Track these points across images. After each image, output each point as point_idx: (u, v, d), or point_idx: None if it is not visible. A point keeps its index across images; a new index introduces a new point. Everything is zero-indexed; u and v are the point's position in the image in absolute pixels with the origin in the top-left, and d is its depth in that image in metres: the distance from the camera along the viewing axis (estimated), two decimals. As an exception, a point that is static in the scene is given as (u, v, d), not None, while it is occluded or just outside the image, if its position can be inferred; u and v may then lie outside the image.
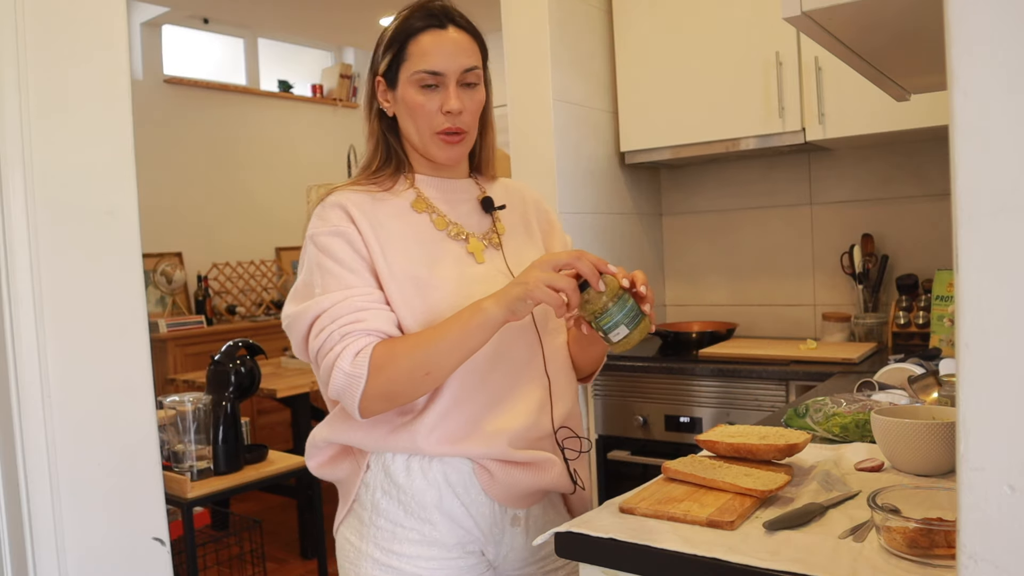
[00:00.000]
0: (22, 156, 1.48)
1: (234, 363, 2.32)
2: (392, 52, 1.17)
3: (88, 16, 1.58)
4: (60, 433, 1.52)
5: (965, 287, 0.56)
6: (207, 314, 4.63)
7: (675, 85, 2.51)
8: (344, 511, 1.19)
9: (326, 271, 1.10)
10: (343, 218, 1.13)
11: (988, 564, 0.56)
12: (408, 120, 1.18)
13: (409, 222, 1.18)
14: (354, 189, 1.18)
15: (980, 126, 0.55)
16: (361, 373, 1.03)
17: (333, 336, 1.05)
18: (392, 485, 1.12)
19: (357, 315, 1.06)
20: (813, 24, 0.98)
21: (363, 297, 1.08)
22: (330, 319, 1.06)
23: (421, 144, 1.19)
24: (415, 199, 1.20)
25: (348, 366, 1.04)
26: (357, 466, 1.16)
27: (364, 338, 1.05)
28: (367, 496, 1.14)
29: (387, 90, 1.20)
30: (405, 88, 1.16)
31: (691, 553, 0.89)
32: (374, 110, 1.22)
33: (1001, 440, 0.55)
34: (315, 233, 1.13)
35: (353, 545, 1.16)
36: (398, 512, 1.12)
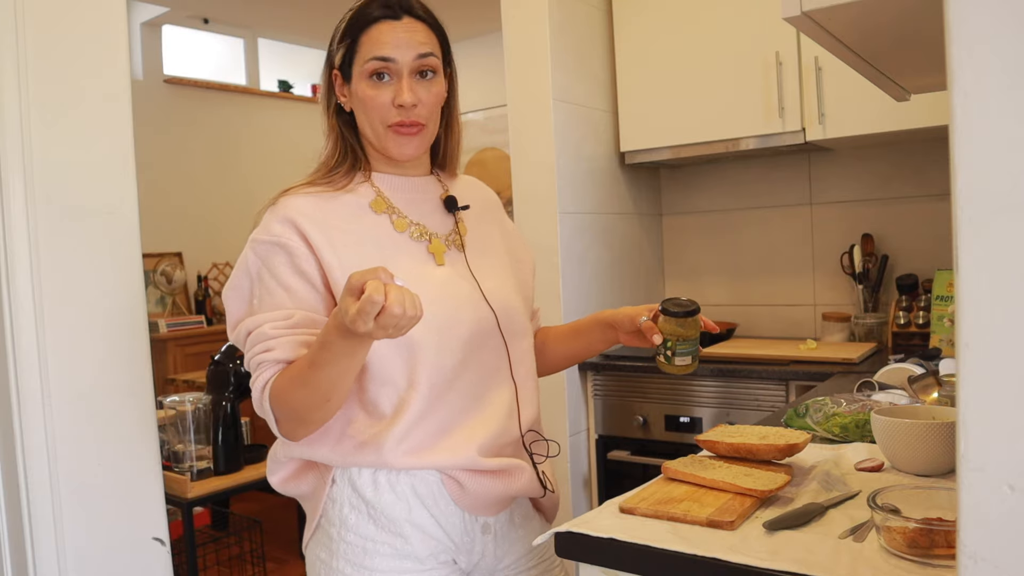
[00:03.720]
0: (22, 156, 1.48)
1: (234, 363, 2.32)
2: (346, 44, 1.13)
3: (88, 16, 1.58)
4: (60, 433, 1.52)
5: (965, 287, 0.56)
6: (207, 314, 4.63)
7: (675, 85, 2.51)
8: (312, 527, 1.15)
9: (263, 284, 1.08)
10: (288, 229, 1.09)
11: (988, 564, 0.56)
12: (362, 114, 1.14)
13: (367, 224, 1.13)
14: (307, 192, 1.14)
15: (980, 126, 0.55)
16: (267, 407, 1.04)
17: (251, 363, 1.06)
18: (360, 500, 1.09)
19: (268, 343, 1.04)
20: (813, 24, 0.98)
21: (279, 323, 1.04)
22: (251, 343, 1.06)
23: (376, 139, 1.15)
24: (374, 199, 1.16)
25: (259, 397, 1.05)
26: (322, 481, 1.12)
27: (271, 368, 1.04)
28: (334, 511, 1.11)
29: (343, 84, 1.16)
30: (358, 81, 1.12)
31: (691, 553, 0.89)
32: (332, 106, 1.19)
33: (1001, 440, 0.55)
34: (256, 239, 1.10)
35: (323, 562, 1.12)
36: (368, 527, 1.09)
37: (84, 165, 1.57)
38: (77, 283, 1.56)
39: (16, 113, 1.47)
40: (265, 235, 1.10)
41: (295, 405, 1.02)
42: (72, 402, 1.54)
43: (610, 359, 2.44)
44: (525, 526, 1.21)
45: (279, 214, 1.11)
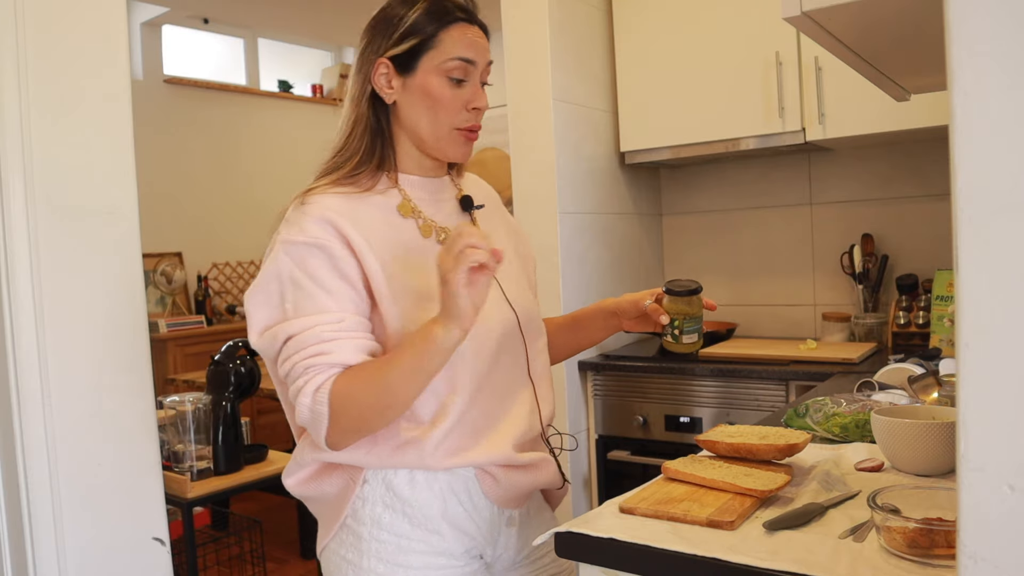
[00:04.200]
0: (22, 156, 1.48)
1: (234, 363, 2.32)
2: (418, 37, 1.08)
3: (88, 16, 1.58)
4: (60, 433, 1.52)
5: (965, 287, 0.56)
6: (207, 314, 4.63)
7: (675, 85, 2.50)
8: (332, 528, 1.13)
9: (300, 288, 1.03)
10: (326, 230, 1.05)
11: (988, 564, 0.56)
12: (424, 111, 1.10)
13: (396, 228, 1.11)
14: (335, 192, 1.10)
15: (980, 126, 0.55)
16: (322, 411, 0.99)
17: (297, 368, 1.01)
18: (395, 498, 1.09)
19: (322, 347, 1.00)
20: (813, 24, 0.98)
21: (332, 326, 1.01)
22: (296, 348, 1.01)
23: (433, 139, 1.12)
24: (400, 202, 1.13)
25: (310, 402, 1.00)
26: (351, 481, 1.11)
27: (327, 371, 1.00)
28: (365, 511, 1.09)
29: (394, 75, 1.11)
30: (428, 77, 1.09)
31: (691, 553, 0.89)
32: (367, 94, 1.12)
33: (1001, 440, 0.55)
34: (290, 241, 1.05)
35: (349, 562, 1.10)
36: (403, 525, 1.09)
37: (84, 165, 1.57)
38: (77, 283, 1.56)
39: (16, 113, 1.47)
40: (301, 236, 1.05)
41: (360, 410, 1.00)
42: (72, 402, 1.54)
43: (610, 359, 2.44)
44: (539, 517, 1.24)
45: (314, 214, 1.06)
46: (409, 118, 1.12)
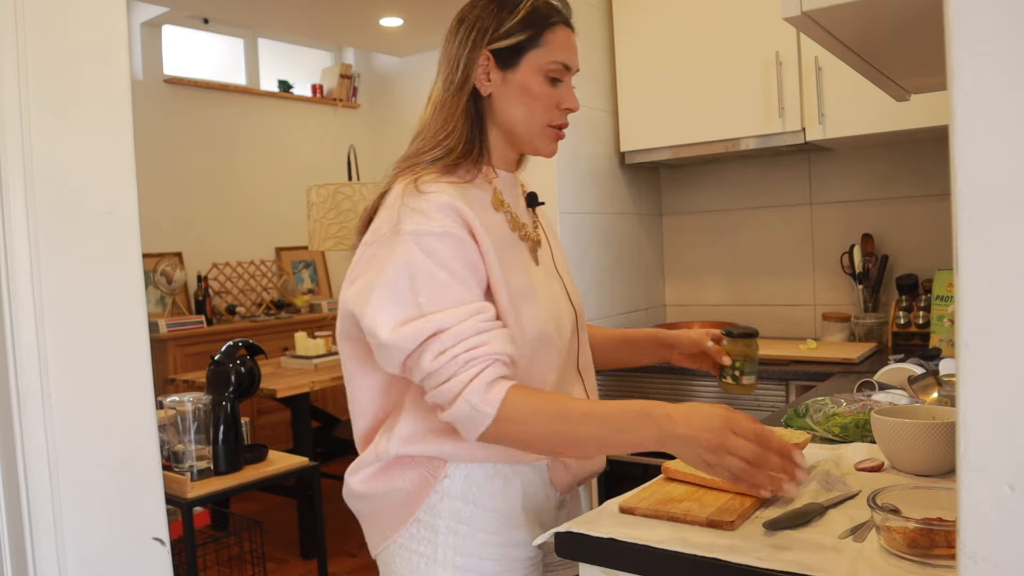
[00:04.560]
0: (22, 156, 1.48)
1: (234, 363, 2.32)
2: (526, 33, 1.09)
3: (88, 16, 1.58)
4: (60, 433, 1.52)
5: (965, 287, 0.56)
6: (207, 314, 4.62)
7: (675, 85, 2.50)
8: (399, 525, 1.12)
9: (434, 279, 1.00)
10: (453, 218, 1.03)
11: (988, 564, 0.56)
12: (521, 107, 1.11)
13: (493, 221, 1.10)
14: (449, 181, 1.08)
15: (980, 126, 0.55)
16: (489, 412, 0.97)
17: (457, 360, 0.98)
18: (479, 492, 1.10)
19: (479, 338, 0.98)
20: (813, 24, 0.98)
21: (481, 316, 1.00)
22: (452, 340, 0.98)
23: (527, 134, 1.13)
24: (494, 195, 1.13)
25: (477, 400, 0.97)
26: (430, 476, 1.10)
27: (492, 368, 0.99)
28: (443, 505, 1.10)
29: (494, 68, 1.11)
30: (530, 75, 1.10)
31: (691, 553, 0.89)
32: (469, 84, 1.11)
33: (1001, 440, 0.55)
34: (417, 231, 1.02)
35: (422, 555, 1.10)
36: (483, 518, 1.10)
37: (84, 165, 1.57)
38: (77, 283, 1.56)
39: (16, 113, 1.47)
40: (432, 226, 1.02)
41: (526, 435, 0.99)
42: (72, 402, 1.54)
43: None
44: (575, 499, 1.28)
45: (439, 202, 1.04)
46: (504, 112, 1.13)
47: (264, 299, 5.03)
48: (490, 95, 1.12)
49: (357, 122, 5.78)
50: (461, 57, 1.11)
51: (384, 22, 4.82)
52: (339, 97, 5.64)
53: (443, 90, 1.13)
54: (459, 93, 1.11)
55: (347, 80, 5.72)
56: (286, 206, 5.26)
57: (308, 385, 3.28)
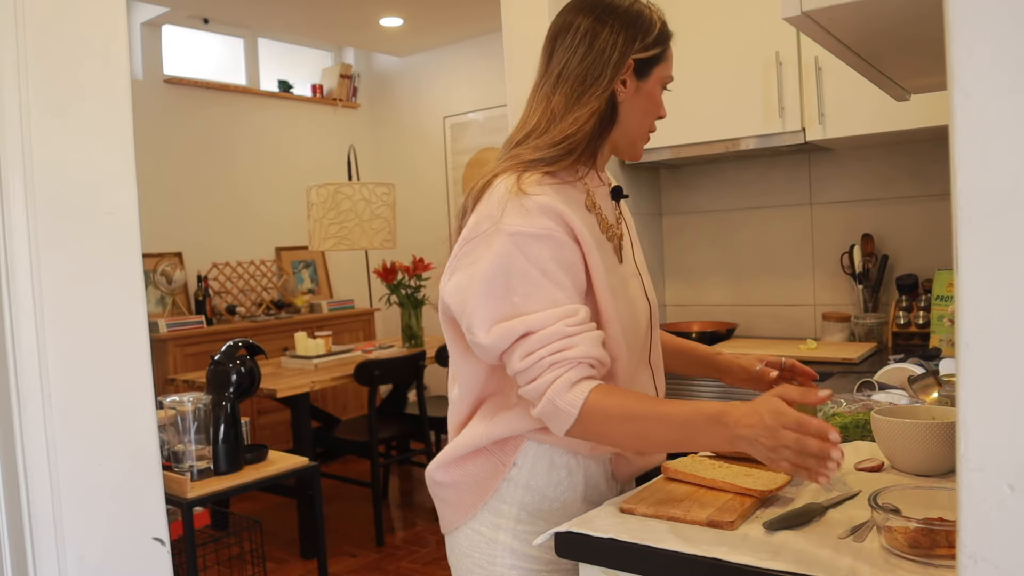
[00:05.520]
0: (22, 156, 1.48)
1: (234, 363, 2.32)
2: (660, 48, 1.16)
3: (88, 16, 1.58)
4: (60, 433, 1.52)
5: (965, 287, 0.56)
6: (207, 314, 4.62)
7: (675, 85, 2.50)
8: (471, 509, 1.17)
9: (529, 280, 1.04)
10: (555, 220, 1.06)
11: (988, 564, 0.56)
12: (638, 114, 1.17)
13: (589, 223, 1.13)
14: (550, 182, 1.10)
15: (980, 126, 0.55)
16: (572, 412, 1.01)
17: (543, 362, 1.02)
18: (543, 482, 1.14)
19: (566, 341, 1.02)
20: (813, 24, 0.98)
21: (572, 320, 1.03)
22: (539, 343, 1.02)
23: (633, 139, 1.20)
24: (587, 197, 1.16)
25: (560, 400, 1.01)
26: (500, 464, 1.15)
27: (575, 369, 1.03)
28: (510, 491, 1.15)
29: (632, 76, 1.15)
30: (655, 86, 1.18)
31: (691, 553, 0.89)
32: (611, 88, 1.13)
33: (1001, 440, 0.55)
34: (518, 231, 1.04)
35: (485, 536, 1.16)
36: (544, 507, 1.15)
37: (84, 165, 1.57)
38: (77, 283, 1.56)
39: (16, 113, 1.47)
40: (532, 228, 1.05)
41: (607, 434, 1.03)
42: (72, 402, 1.54)
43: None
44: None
45: (543, 205, 1.06)
46: (627, 118, 1.17)
47: (264, 299, 5.03)
48: (623, 101, 1.16)
49: (357, 122, 5.78)
50: (607, 62, 1.12)
51: (384, 22, 4.82)
52: (339, 97, 5.64)
53: (577, 91, 1.13)
54: (601, 96, 1.13)
55: (347, 80, 5.72)
56: (286, 206, 5.26)
57: (308, 385, 3.28)
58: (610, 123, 1.15)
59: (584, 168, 1.16)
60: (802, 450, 0.90)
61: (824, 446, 0.88)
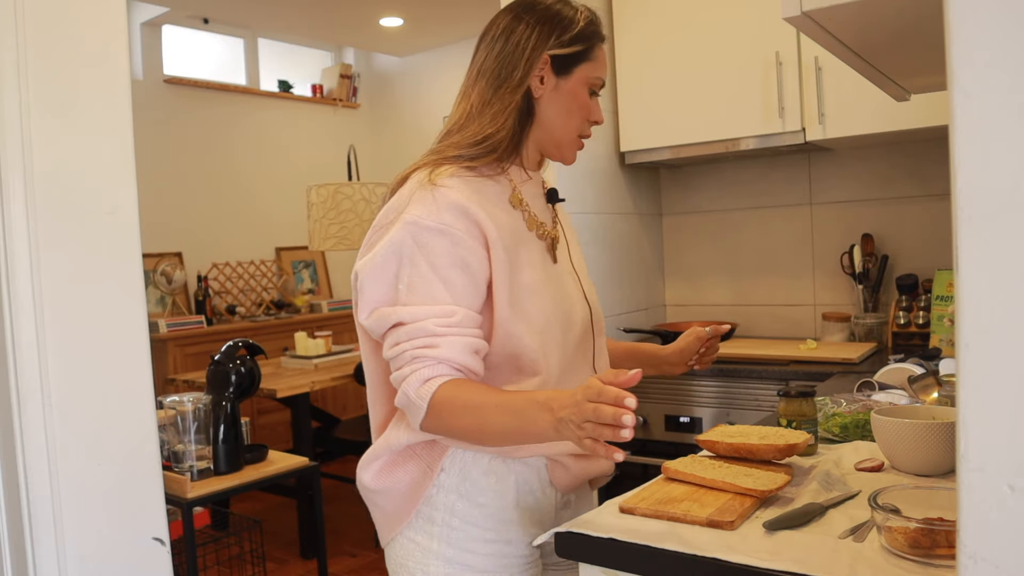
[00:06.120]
0: (22, 156, 1.48)
1: (234, 363, 2.32)
2: (580, 45, 1.15)
3: (88, 16, 1.58)
4: (60, 433, 1.52)
5: (965, 287, 0.56)
6: (207, 314, 4.62)
7: (675, 85, 2.50)
8: (404, 518, 1.16)
9: (416, 270, 1.04)
10: (459, 218, 1.05)
11: (988, 564, 0.56)
12: (562, 115, 1.16)
13: (509, 218, 1.13)
14: (464, 177, 1.10)
15: (980, 126, 0.55)
16: (421, 405, 1.02)
17: (404, 355, 1.04)
18: (472, 488, 1.12)
19: (430, 340, 1.02)
20: (813, 24, 0.98)
21: (443, 320, 1.03)
22: (406, 336, 1.03)
23: (561, 140, 1.17)
24: (512, 193, 1.15)
25: (412, 393, 1.02)
26: (428, 469, 1.14)
27: (434, 367, 1.03)
28: (440, 498, 1.13)
29: (550, 73, 1.14)
30: (579, 85, 1.15)
31: (691, 553, 0.89)
32: (525, 84, 1.13)
33: (1001, 440, 0.55)
34: (418, 221, 1.05)
35: (419, 545, 1.14)
36: (476, 513, 1.13)
37: (84, 165, 1.57)
38: (77, 283, 1.56)
39: (16, 113, 1.47)
40: (431, 221, 1.05)
41: (451, 427, 1.03)
42: (72, 402, 1.54)
43: (610, 359, 2.44)
44: (585, 499, 1.28)
45: (449, 199, 1.06)
46: (548, 116, 1.16)
47: (264, 299, 5.03)
48: (539, 98, 1.15)
49: (357, 122, 5.78)
50: (520, 57, 1.13)
51: (384, 22, 4.82)
52: (339, 97, 5.64)
53: (492, 87, 1.14)
54: (514, 92, 1.13)
55: (347, 80, 5.72)
56: (286, 206, 5.26)
57: (308, 385, 3.28)
58: (528, 120, 1.15)
59: (512, 166, 1.17)
60: (598, 418, 0.86)
61: (617, 411, 0.84)
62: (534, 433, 0.97)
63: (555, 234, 1.21)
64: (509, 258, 1.09)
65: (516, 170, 1.18)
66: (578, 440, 0.90)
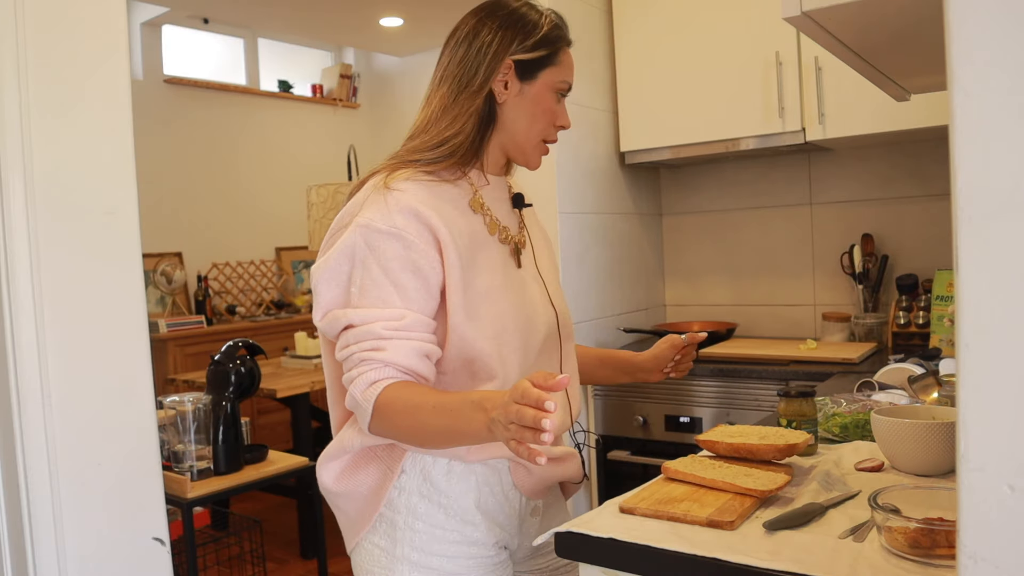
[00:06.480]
0: (22, 156, 1.48)
1: (234, 363, 2.32)
2: (545, 50, 1.14)
3: (88, 16, 1.58)
4: (60, 433, 1.52)
5: (965, 287, 0.56)
6: (207, 314, 4.62)
7: (675, 85, 2.50)
8: (367, 522, 1.15)
9: (368, 273, 1.05)
10: (411, 222, 1.05)
11: (988, 564, 0.56)
12: (526, 119, 1.15)
13: (468, 222, 1.12)
14: (421, 181, 1.10)
15: (980, 126, 0.55)
16: (367, 408, 1.02)
17: (353, 358, 1.04)
18: (432, 489, 1.12)
19: (378, 343, 1.03)
20: (813, 24, 0.98)
21: (392, 323, 1.03)
22: (355, 339, 1.04)
23: (525, 145, 1.17)
24: (472, 197, 1.15)
25: (359, 394, 1.03)
26: (388, 471, 1.13)
27: (380, 370, 1.03)
28: (401, 500, 1.12)
29: (514, 78, 1.13)
30: (543, 90, 1.15)
31: (691, 553, 0.89)
32: (486, 88, 1.13)
33: (1001, 440, 0.55)
34: (370, 224, 1.05)
35: (383, 550, 1.13)
36: (438, 515, 1.12)
37: (84, 165, 1.57)
38: (77, 283, 1.56)
39: (16, 113, 1.47)
40: (383, 224, 1.05)
41: (395, 429, 1.03)
42: (72, 402, 1.54)
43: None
44: (556, 506, 1.28)
45: (401, 203, 1.06)
46: (511, 121, 1.16)
47: (264, 299, 5.03)
48: (503, 103, 1.14)
49: (357, 122, 5.78)
50: (482, 62, 1.12)
51: (384, 22, 4.82)
52: (339, 97, 5.64)
53: (454, 91, 1.14)
54: (474, 96, 1.12)
55: (347, 80, 5.72)
56: (286, 206, 5.26)
57: (308, 385, 3.28)
58: (489, 124, 1.14)
59: (472, 170, 1.17)
60: (520, 420, 0.84)
61: (538, 413, 0.83)
62: (469, 433, 0.96)
63: (520, 239, 1.21)
64: (463, 263, 1.08)
65: (477, 174, 1.17)
66: (505, 441, 0.88)
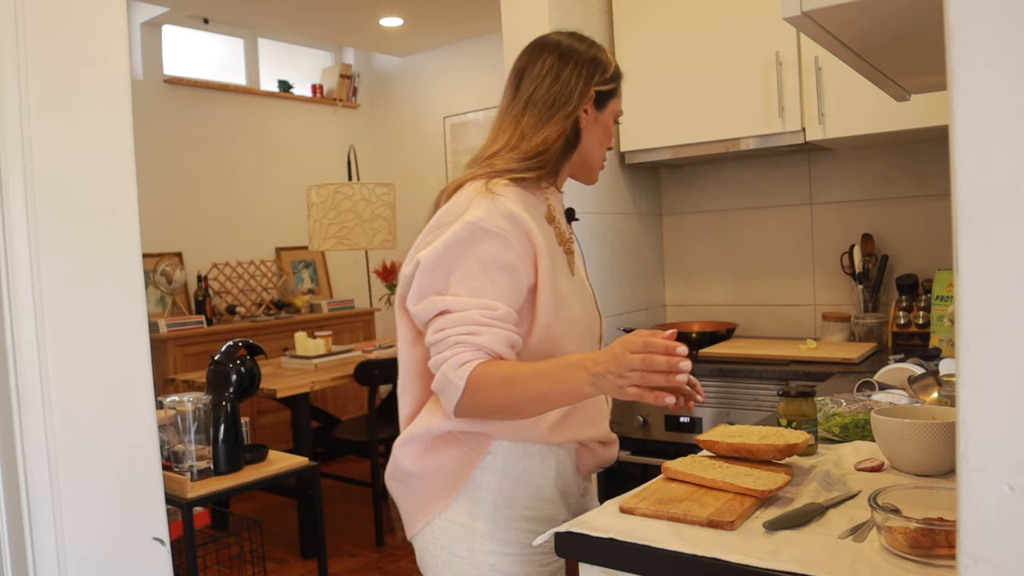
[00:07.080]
0: (22, 156, 1.48)
1: (234, 363, 2.32)
2: (615, 84, 1.32)
3: (88, 16, 1.58)
4: (60, 433, 1.52)
5: (965, 287, 0.56)
6: (207, 314, 4.62)
7: (675, 85, 2.50)
8: (444, 498, 1.22)
9: (468, 266, 1.14)
10: (513, 224, 1.16)
11: (988, 564, 0.56)
12: (597, 143, 1.32)
13: (547, 232, 1.24)
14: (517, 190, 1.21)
15: (980, 126, 0.55)
16: (459, 385, 1.09)
17: (448, 340, 1.11)
18: (517, 468, 1.22)
19: (474, 328, 1.11)
20: (813, 24, 0.98)
21: (486, 311, 1.12)
22: (451, 323, 1.12)
23: (591, 165, 1.33)
24: (547, 210, 1.28)
25: (451, 373, 1.10)
26: (473, 453, 1.21)
27: (473, 352, 1.10)
28: (486, 479, 1.21)
29: (592, 106, 1.29)
30: (609, 117, 1.32)
31: (691, 553, 0.89)
32: (575, 114, 1.27)
33: (1001, 440, 0.55)
34: (477, 222, 1.15)
35: (461, 525, 1.21)
36: (520, 492, 1.22)
37: (84, 165, 1.57)
38: (77, 283, 1.56)
39: (16, 114, 1.47)
40: (490, 224, 1.15)
41: (488, 405, 1.10)
42: (72, 402, 1.54)
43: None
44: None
45: (506, 207, 1.17)
46: (587, 145, 1.31)
47: (264, 299, 5.03)
48: (584, 128, 1.29)
49: (357, 122, 5.78)
50: (575, 90, 1.27)
51: (384, 22, 4.82)
52: (339, 97, 5.64)
53: (546, 116, 1.26)
54: (566, 120, 1.26)
55: (347, 80, 5.72)
56: (286, 206, 5.26)
57: (308, 385, 3.28)
58: (574, 145, 1.29)
59: (546, 183, 1.29)
60: (649, 367, 0.95)
61: (671, 359, 0.94)
62: (569, 392, 1.06)
63: (573, 249, 1.33)
64: (554, 267, 1.21)
65: (551, 190, 1.31)
66: (618, 389, 0.99)
